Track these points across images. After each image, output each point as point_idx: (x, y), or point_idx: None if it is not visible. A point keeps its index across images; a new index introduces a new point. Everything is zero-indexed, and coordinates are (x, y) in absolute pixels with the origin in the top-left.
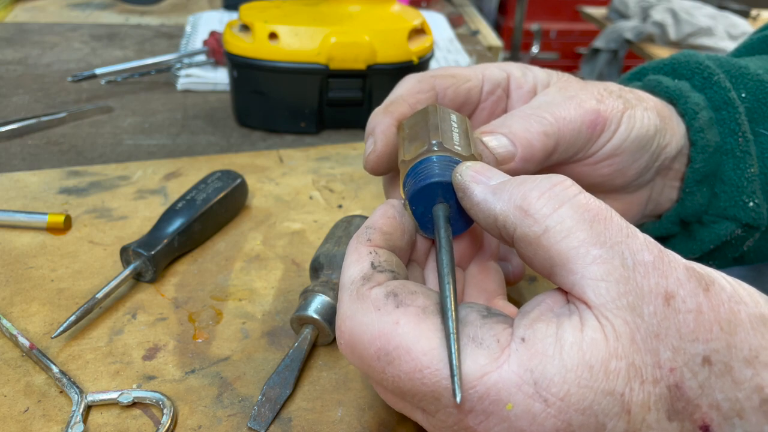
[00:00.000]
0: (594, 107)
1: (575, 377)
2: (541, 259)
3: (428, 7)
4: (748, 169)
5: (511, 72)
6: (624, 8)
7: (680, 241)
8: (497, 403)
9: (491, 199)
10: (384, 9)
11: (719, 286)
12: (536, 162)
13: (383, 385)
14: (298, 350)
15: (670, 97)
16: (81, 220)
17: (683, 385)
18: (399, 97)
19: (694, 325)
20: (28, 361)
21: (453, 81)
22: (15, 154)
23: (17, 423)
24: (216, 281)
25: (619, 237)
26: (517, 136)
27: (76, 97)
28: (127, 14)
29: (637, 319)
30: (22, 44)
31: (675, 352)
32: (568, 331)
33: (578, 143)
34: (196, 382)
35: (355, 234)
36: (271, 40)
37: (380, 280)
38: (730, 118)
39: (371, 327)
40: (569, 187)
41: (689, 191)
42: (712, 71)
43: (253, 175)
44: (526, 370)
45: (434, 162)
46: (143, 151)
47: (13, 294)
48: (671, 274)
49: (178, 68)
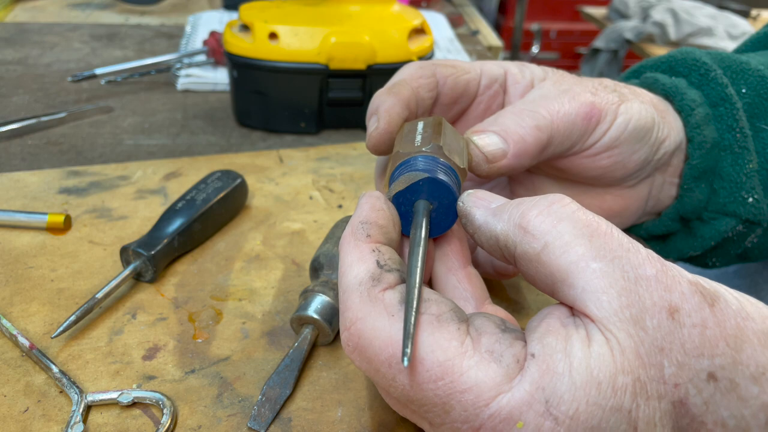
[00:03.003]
0: (588, 99)
1: (584, 395)
2: (542, 276)
3: (428, 7)
4: (747, 165)
5: (508, 69)
6: (624, 8)
7: (681, 238)
8: (507, 421)
9: (492, 221)
10: (384, 9)
11: (725, 302)
12: (530, 156)
13: (390, 392)
14: (298, 350)
15: (667, 94)
16: (81, 220)
17: (688, 402)
18: (402, 80)
19: (699, 340)
20: (28, 361)
21: (453, 71)
22: (15, 154)
23: (17, 423)
24: (216, 281)
25: (620, 251)
26: (508, 132)
27: (76, 97)
28: (127, 14)
29: (640, 332)
30: (22, 44)
31: (680, 367)
32: (576, 345)
33: (573, 136)
34: (196, 382)
35: (349, 230)
36: (271, 40)
37: (390, 281)
38: (728, 114)
39: (383, 333)
40: (567, 204)
41: (687, 188)
42: (709, 68)
43: (253, 175)
44: (537, 388)
45: (425, 160)
46: (143, 151)
47: (13, 294)
48: (675, 288)
49: (178, 68)
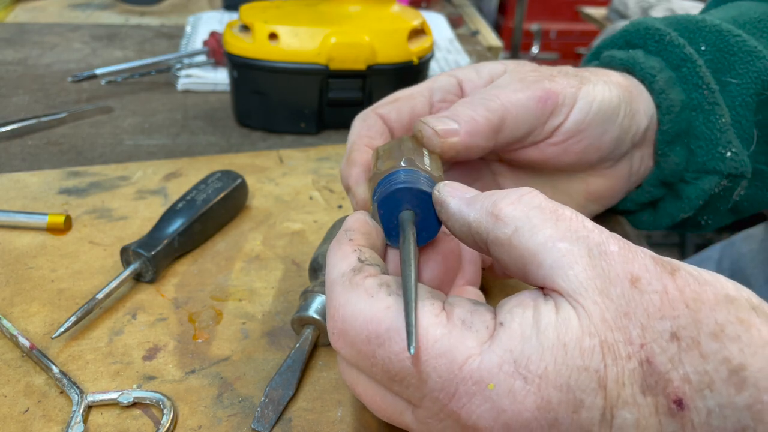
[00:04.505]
0: (544, 86)
1: (552, 355)
2: (514, 259)
3: (428, 7)
4: (719, 120)
5: (461, 76)
6: (624, 8)
7: (669, 203)
8: (479, 383)
9: (465, 209)
10: (384, 9)
11: (685, 271)
12: (482, 137)
13: (372, 372)
14: (299, 351)
15: (626, 67)
16: (81, 220)
17: (654, 360)
18: (353, 145)
19: (660, 303)
20: (28, 361)
21: (395, 105)
22: (15, 155)
23: (17, 423)
24: (216, 281)
25: (584, 232)
26: (459, 115)
27: (76, 98)
28: (127, 14)
29: (606, 300)
30: (22, 44)
31: (643, 329)
32: (543, 313)
33: (529, 120)
34: (196, 383)
35: (335, 240)
36: (271, 41)
37: (371, 271)
38: (691, 74)
39: (364, 312)
40: (537, 195)
41: (662, 153)
42: (663, 32)
43: (253, 175)
44: (505, 350)
45: (402, 174)
46: (143, 151)
47: (13, 294)
48: (637, 261)
49: (178, 68)
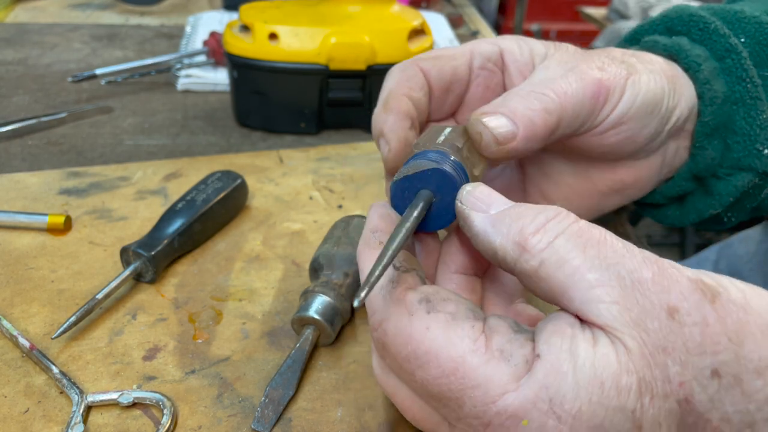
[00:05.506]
0: (596, 77)
1: (587, 394)
2: (544, 292)
3: (428, 7)
4: (760, 116)
5: (503, 46)
6: (624, 8)
7: (698, 198)
8: (513, 418)
9: (490, 232)
10: (384, 9)
11: (727, 296)
12: (539, 140)
13: (412, 386)
14: (299, 351)
15: (671, 54)
16: (81, 220)
17: (693, 400)
18: (391, 92)
19: (700, 337)
20: (28, 361)
21: (435, 62)
22: (15, 155)
23: (17, 423)
24: (216, 281)
25: (614, 258)
26: (517, 115)
27: (76, 98)
28: (127, 14)
29: (643, 334)
30: (22, 44)
31: (683, 366)
32: (581, 346)
33: (582, 116)
34: (196, 383)
35: (363, 241)
36: (271, 41)
37: (409, 282)
38: (736, 65)
39: (404, 331)
40: (564, 218)
41: (699, 146)
42: (708, 21)
43: (253, 175)
44: (541, 387)
45: (437, 154)
46: (143, 151)
47: (13, 295)
48: (673, 288)
49: (178, 68)
